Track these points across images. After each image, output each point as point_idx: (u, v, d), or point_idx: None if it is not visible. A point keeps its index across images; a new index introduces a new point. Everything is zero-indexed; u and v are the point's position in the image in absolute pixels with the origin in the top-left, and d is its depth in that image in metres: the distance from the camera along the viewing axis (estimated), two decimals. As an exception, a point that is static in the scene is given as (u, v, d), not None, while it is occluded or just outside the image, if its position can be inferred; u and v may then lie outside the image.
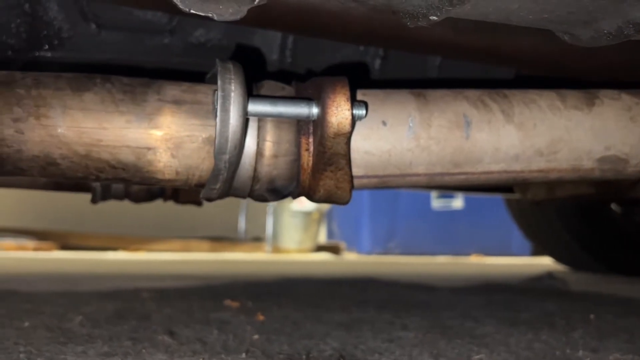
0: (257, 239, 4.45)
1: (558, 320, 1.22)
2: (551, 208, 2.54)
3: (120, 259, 3.22)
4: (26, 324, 0.95)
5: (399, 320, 1.13)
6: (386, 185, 0.73)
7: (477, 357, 0.86)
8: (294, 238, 4.16)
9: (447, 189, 2.55)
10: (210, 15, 0.52)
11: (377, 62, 1.18)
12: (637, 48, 0.91)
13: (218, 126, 0.58)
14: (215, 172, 0.61)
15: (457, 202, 4.73)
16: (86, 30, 1.07)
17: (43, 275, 2.02)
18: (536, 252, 4.23)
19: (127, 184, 0.67)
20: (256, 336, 0.92)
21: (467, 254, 4.67)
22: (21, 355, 0.70)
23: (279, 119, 0.65)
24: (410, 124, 0.69)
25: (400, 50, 1.10)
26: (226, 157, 0.59)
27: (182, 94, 0.65)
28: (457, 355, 0.86)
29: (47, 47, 1.06)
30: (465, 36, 0.97)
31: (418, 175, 0.71)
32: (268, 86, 0.69)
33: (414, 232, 4.61)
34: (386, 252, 4.49)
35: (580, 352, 0.89)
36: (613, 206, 2.55)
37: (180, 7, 0.51)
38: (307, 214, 4.16)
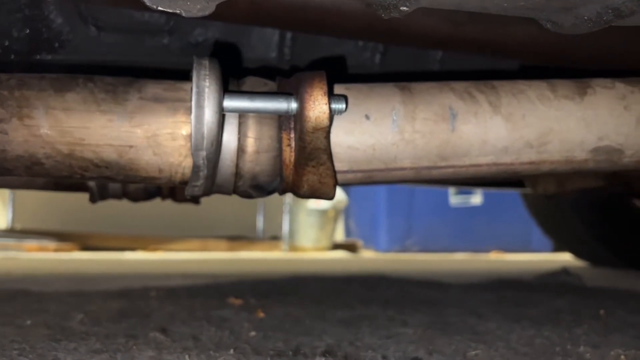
0: (274, 238, 4.46)
1: (565, 316, 1.19)
2: (567, 202, 2.50)
3: (137, 259, 3.26)
4: (28, 322, 0.96)
5: (401, 316, 1.12)
6: (373, 180, 0.72)
7: (474, 352, 0.84)
8: (310, 236, 4.16)
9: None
10: (178, 11, 0.52)
11: (377, 57, 1.17)
12: (637, 35, 0.89)
13: (193, 123, 0.58)
14: (194, 169, 0.62)
15: (476, 198, 4.68)
16: (86, 33, 1.09)
17: (58, 275, 2.06)
18: (557, 248, 4.16)
19: (113, 182, 0.68)
20: (253, 333, 0.92)
21: (487, 250, 4.61)
22: (14, 352, 0.71)
23: (260, 114, 0.65)
24: (394, 117, 0.68)
25: (398, 44, 1.09)
26: (203, 153, 0.59)
27: (164, 92, 0.65)
28: (453, 352, 0.85)
29: (48, 50, 1.08)
30: (461, 28, 0.96)
31: (404, 169, 0.71)
32: (250, 82, 0.69)
33: (432, 229, 4.57)
34: (404, 249, 4.46)
35: (582, 348, 0.87)
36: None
37: (148, 4, 0.52)
38: (323, 212, 4.15)
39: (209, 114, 0.58)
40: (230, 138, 0.64)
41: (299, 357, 0.74)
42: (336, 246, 4.32)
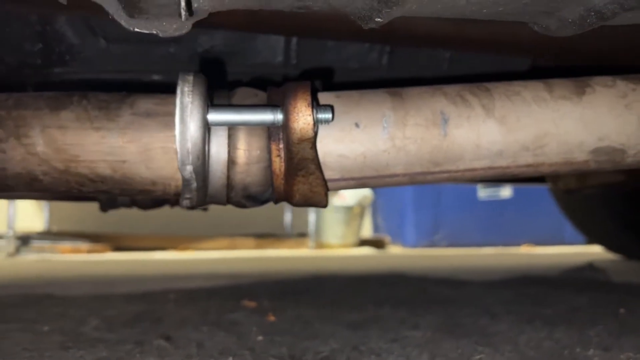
0: (302, 235, 4.48)
1: (582, 315, 1.17)
2: (597, 196, 2.44)
3: (166, 259, 3.32)
4: (45, 328, 1.00)
5: (412, 318, 1.12)
6: (366, 186, 0.72)
7: (478, 357, 0.84)
8: (336, 233, 4.16)
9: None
10: (155, 32, 0.53)
11: (385, 58, 1.17)
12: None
13: (177, 138, 0.59)
14: (184, 182, 0.63)
15: (505, 191, 4.61)
16: (95, 45, 1.11)
17: (86, 278, 2.12)
18: (590, 240, 4.06)
19: (110, 195, 0.70)
20: (260, 337, 0.93)
21: (517, 244, 4.54)
22: (24, 360, 0.74)
23: (250, 126, 0.66)
24: (385, 124, 0.68)
25: (399, 45, 1.08)
26: (190, 167, 0.61)
27: (155, 106, 0.66)
28: (458, 356, 0.84)
29: (60, 63, 1.11)
30: (461, 28, 0.94)
31: (397, 175, 0.70)
32: (240, 93, 0.69)
33: (461, 223, 4.52)
34: (432, 244, 4.43)
35: (591, 351, 0.86)
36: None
37: (125, 26, 0.53)
38: (349, 209, 4.15)
39: (193, 129, 0.59)
40: (220, 150, 0.65)
41: (296, 365, 0.74)
42: (363, 242, 4.32)
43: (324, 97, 0.69)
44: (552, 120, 0.70)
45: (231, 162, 0.66)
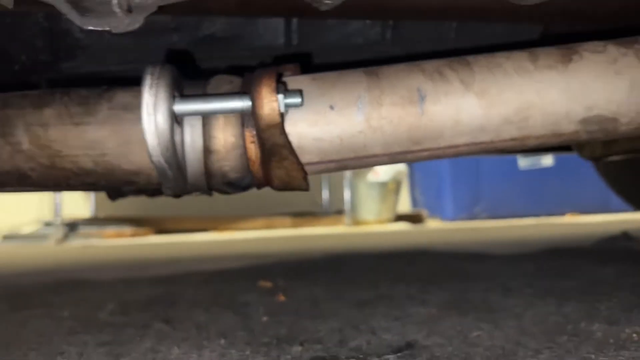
0: (339, 212, 4.50)
1: (601, 288, 1.14)
2: (637, 162, 2.33)
3: (205, 240, 3.41)
4: (66, 313, 1.05)
5: (422, 295, 1.12)
6: (348, 167, 0.72)
7: (477, 333, 0.83)
8: (371, 209, 4.15)
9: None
10: (107, 28, 0.54)
11: (388, 33, 1.15)
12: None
13: (145, 130, 0.61)
14: (159, 172, 0.64)
15: (547, 159, 4.47)
16: (100, 38, 1.14)
17: (120, 262, 2.20)
18: (635, 207, 3.90)
19: (97, 188, 0.72)
20: (265, 318, 0.95)
21: (561, 213, 4.42)
22: (33, 345, 0.79)
23: (225, 114, 0.67)
24: (359, 105, 0.67)
25: (392, 19, 1.06)
26: (160, 158, 0.62)
27: (133, 99, 0.68)
28: (456, 333, 0.84)
29: (69, 57, 1.14)
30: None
31: (376, 155, 0.70)
32: (215, 81, 0.70)
33: (501, 194, 4.42)
34: (472, 217, 4.35)
35: (596, 326, 0.83)
36: None
37: (79, 25, 0.54)
38: (383, 185, 4.13)
39: (160, 120, 0.60)
40: (195, 139, 0.66)
41: (282, 345, 0.76)
42: (399, 217, 4.30)
43: (298, 81, 0.69)
44: (536, 91, 0.68)
45: (207, 150, 0.67)
